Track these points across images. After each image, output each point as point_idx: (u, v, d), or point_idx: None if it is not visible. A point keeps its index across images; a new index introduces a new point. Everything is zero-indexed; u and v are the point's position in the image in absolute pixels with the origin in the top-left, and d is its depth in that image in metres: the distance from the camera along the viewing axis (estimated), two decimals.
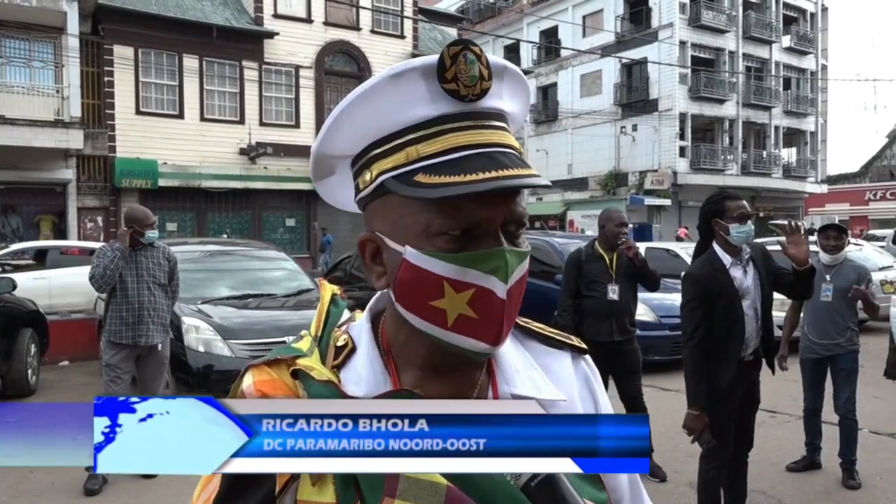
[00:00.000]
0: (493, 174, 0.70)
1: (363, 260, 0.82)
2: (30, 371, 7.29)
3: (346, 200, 0.86)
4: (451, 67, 0.73)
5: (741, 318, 3.52)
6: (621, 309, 5.02)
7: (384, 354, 0.81)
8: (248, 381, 0.78)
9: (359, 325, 0.85)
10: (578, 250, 5.26)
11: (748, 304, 3.56)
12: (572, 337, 0.93)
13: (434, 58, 0.74)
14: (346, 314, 0.89)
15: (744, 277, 3.58)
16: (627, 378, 5.12)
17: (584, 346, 0.93)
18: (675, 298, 8.92)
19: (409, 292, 0.75)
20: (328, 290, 0.90)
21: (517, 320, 0.87)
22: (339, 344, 0.82)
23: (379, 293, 0.86)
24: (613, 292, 5.01)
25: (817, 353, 4.96)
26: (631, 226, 5.69)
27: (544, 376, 0.86)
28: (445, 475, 0.70)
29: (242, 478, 0.71)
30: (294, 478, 0.71)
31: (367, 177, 0.77)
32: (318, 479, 0.71)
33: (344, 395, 0.75)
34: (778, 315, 9.75)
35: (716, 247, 3.59)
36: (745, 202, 3.65)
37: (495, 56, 0.78)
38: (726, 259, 3.56)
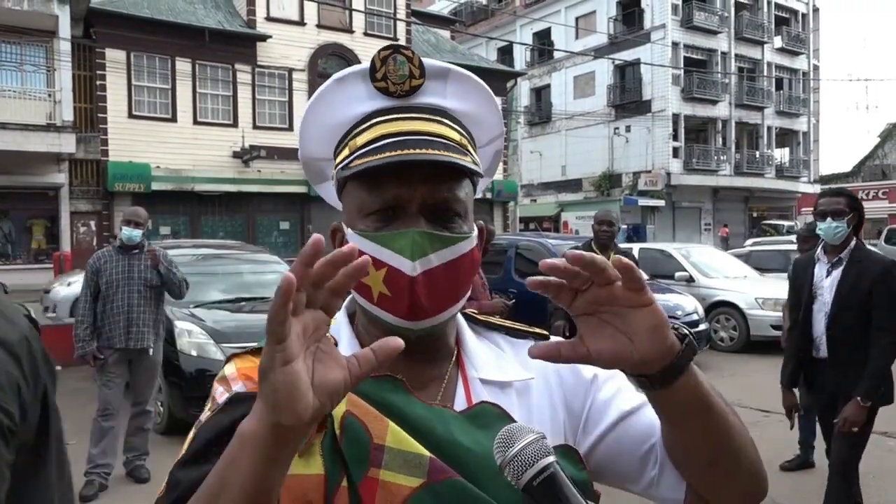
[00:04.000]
0: (399, 152, 0.77)
1: (332, 248, 0.85)
2: None
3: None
4: (380, 68, 0.83)
5: (808, 316, 3.58)
6: None
7: (361, 346, 0.84)
8: (231, 369, 0.82)
9: (337, 324, 0.89)
10: (576, 248, 5.28)
11: (818, 306, 3.55)
12: (533, 327, 0.97)
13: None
14: None
15: (824, 278, 3.54)
16: None
17: (545, 332, 0.96)
18: (669, 299, 8.97)
19: None
20: None
21: (479, 317, 0.93)
22: None
23: (352, 295, 0.89)
24: None
25: None
26: (624, 226, 5.73)
27: (511, 361, 0.90)
28: (428, 447, 0.74)
29: (205, 447, 0.74)
30: None
31: (333, 174, 0.88)
32: (304, 450, 0.73)
33: None
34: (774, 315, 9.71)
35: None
36: (831, 198, 3.51)
37: (438, 61, 0.85)
38: (822, 255, 3.59)
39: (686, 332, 0.74)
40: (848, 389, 3.40)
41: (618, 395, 0.92)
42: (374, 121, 0.82)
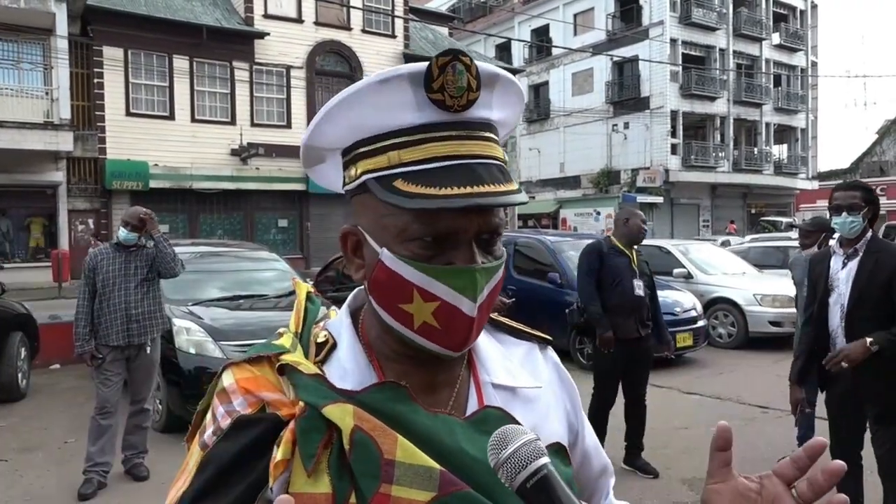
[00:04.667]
0: (469, 190, 0.72)
1: (343, 251, 0.84)
2: (20, 375, 7.24)
3: (338, 184, 0.87)
4: (438, 77, 0.73)
5: (823, 309, 3.52)
6: (643, 304, 5.03)
7: (366, 348, 0.83)
8: (229, 380, 0.79)
9: (337, 322, 0.86)
10: (599, 242, 5.21)
11: (834, 298, 3.49)
12: (536, 331, 0.96)
13: (423, 65, 0.74)
14: (321, 311, 0.90)
15: (839, 270, 3.49)
16: (639, 373, 5.13)
17: (549, 337, 0.97)
18: (668, 295, 8.97)
19: (381, 291, 0.78)
20: (303, 288, 0.92)
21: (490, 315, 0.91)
22: (319, 340, 0.83)
23: (356, 290, 0.88)
24: (639, 287, 5.01)
25: None
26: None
27: (518, 367, 0.89)
28: (437, 459, 0.72)
29: (217, 479, 0.73)
30: (286, 469, 0.72)
31: (353, 172, 0.79)
32: (312, 470, 0.71)
33: (333, 388, 0.76)
34: (783, 311, 9.69)
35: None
36: (847, 192, 3.46)
37: (488, 64, 0.78)
38: (837, 248, 3.53)
39: None
40: (866, 383, 3.36)
41: (596, 444, 0.97)
42: (424, 136, 0.74)
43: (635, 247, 5.19)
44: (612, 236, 5.16)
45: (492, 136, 0.79)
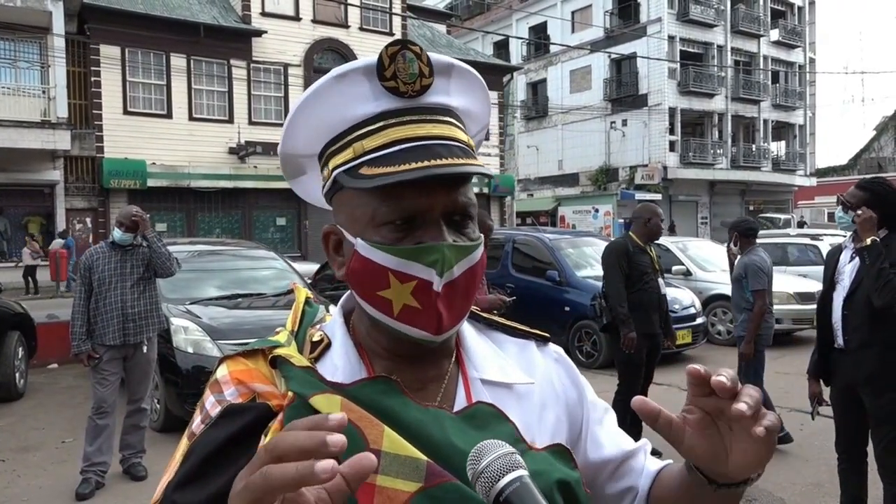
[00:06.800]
0: (425, 164, 0.74)
1: (326, 251, 0.86)
2: (17, 374, 7.22)
3: (320, 197, 0.90)
4: (389, 66, 0.77)
5: (828, 303, 3.54)
6: (665, 300, 5.19)
7: (357, 347, 0.84)
8: (222, 372, 0.81)
9: (332, 323, 0.88)
10: (623, 242, 5.23)
11: (838, 292, 3.51)
12: (534, 329, 0.97)
13: (375, 58, 0.78)
14: (319, 314, 0.92)
15: (846, 264, 3.50)
16: (652, 366, 5.29)
17: (546, 334, 0.97)
18: (666, 293, 8.95)
19: (359, 282, 0.80)
20: (302, 293, 0.93)
21: (481, 314, 0.93)
22: (314, 339, 0.85)
23: (349, 292, 0.89)
24: (663, 285, 5.14)
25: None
26: (621, 221, 5.75)
27: (512, 364, 0.89)
28: (424, 451, 0.73)
29: (202, 466, 0.73)
30: None
31: (325, 173, 0.83)
32: None
33: (323, 381, 0.77)
34: (782, 308, 9.76)
35: None
36: (853, 189, 3.45)
37: (442, 55, 0.81)
38: (849, 242, 3.52)
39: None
40: (863, 377, 3.36)
41: (615, 430, 0.96)
42: (384, 123, 0.77)
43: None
44: (633, 234, 5.21)
45: (452, 120, 0.82)
